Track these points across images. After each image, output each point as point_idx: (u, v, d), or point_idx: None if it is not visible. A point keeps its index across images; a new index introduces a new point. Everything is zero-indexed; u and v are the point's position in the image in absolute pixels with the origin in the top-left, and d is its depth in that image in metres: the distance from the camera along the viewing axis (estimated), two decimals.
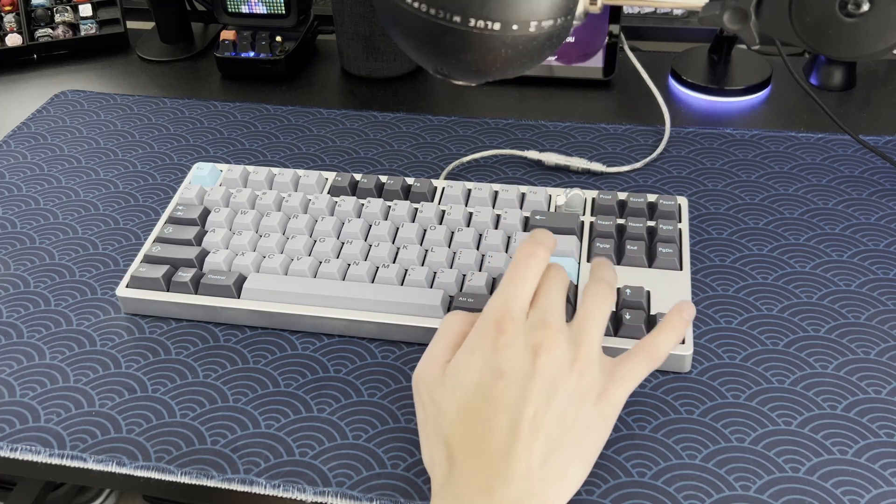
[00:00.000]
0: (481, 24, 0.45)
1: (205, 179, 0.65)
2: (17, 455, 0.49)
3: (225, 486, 0.47)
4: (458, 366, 0.44)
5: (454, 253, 0.58)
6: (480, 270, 0.56)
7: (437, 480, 0.43)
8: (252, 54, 0.84)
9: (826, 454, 0.47)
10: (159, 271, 0.57)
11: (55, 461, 0.49)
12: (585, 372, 0.43)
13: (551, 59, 0.80)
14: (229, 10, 0.86)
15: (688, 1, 0.50)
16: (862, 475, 0.46)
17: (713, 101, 0.78)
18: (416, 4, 0.45)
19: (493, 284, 0.55)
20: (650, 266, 0.56)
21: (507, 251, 0.58)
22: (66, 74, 0.89)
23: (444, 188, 0.63)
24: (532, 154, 0.69)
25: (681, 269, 0.56)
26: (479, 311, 0.47)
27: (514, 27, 0.45)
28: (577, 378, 0.42)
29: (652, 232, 0.59)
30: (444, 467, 0.42)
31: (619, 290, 0.54)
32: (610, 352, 0.52)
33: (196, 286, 0.57)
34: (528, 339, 0.43)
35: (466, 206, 0.62)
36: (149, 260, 0.59)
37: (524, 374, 0.42)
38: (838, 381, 0.51)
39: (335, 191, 0.64)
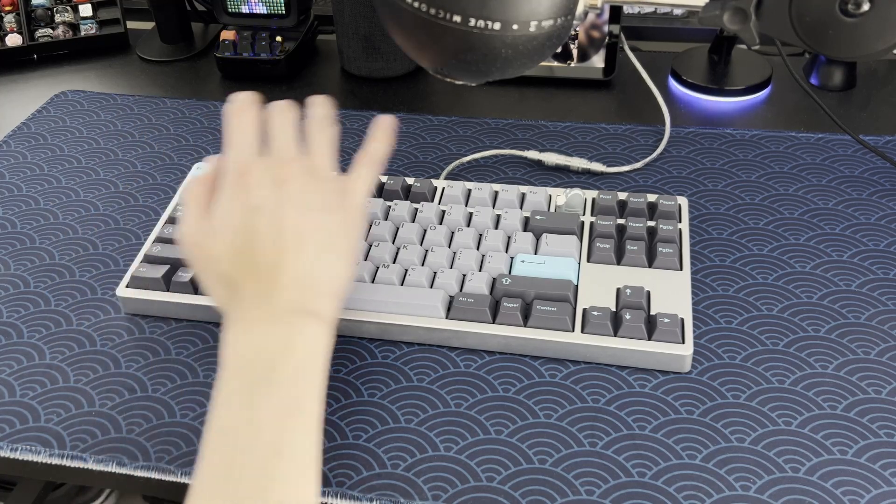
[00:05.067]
0: (481, 23, 0.45)
1: None
2: (17, 455, 0.49)
3: None
4: (217, 215, 0.48)
5: (454, 253, 0.58)
6: (480, 270, 0.56)
7: (225, 303, 0.47)
8: (252, 54, 0.84)
9: (826, 454, 0.47)
10: (159, 271, 0.57)
11: (55, 461, 0.49)
12: (326, 189, 0.48)
13: (551, 59, 0.80)
14: (229, 10, 0.86)
15: (688, 1, 0.50)
16: (862, 475, 0.46)
17: (713, 101, 0.78)
18: (416, 4, 0.45)
19: (493, 284, 0.55)
20: (650, 266, 0.56)
21: (506, 251, 0.58)
22: (66, 74, 0.89)
23: (444, 188, 0.63)
24: (532, 154, 0.69)
25: (681, 269, 0.56)
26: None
27: (514, 27, 0.45)
28: (321, 195, 0.48)
29: (652, 232, 0.58)
30: (229, 290, 0.46)
31: (619, 289, 0.54)
32: (611, 353, 0.52)
33: (196, 286, 0.57)
34: (273, 174, 0.48)
35: (466, 206, 0.62)
36: (149, 260, 0.59)
37: (276, 203, 0.47)
38: (838, 381, 0.51)
39: None
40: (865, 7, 0.44)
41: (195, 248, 0.48)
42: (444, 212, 0.60)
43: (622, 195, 0.61)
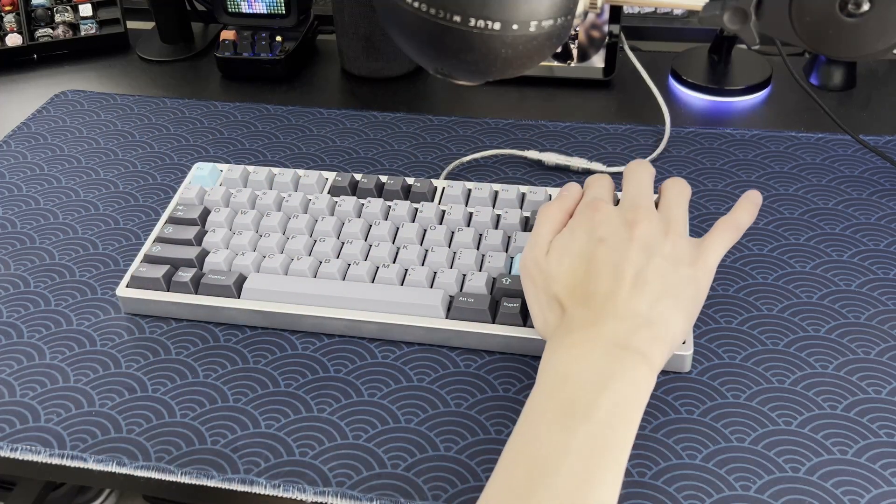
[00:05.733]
0: (481, 24, 0.45)
1: (205, 179, 0.65)
2: (17, 455, 0.49)
3: (225, 486, 0.47)
4: (562, 240, 0.49)
5: (454, 253, 0.58)
6: (480, 270, 0.56)
7: (550, 329, 0.47)
8: (252, 54, 0.84)
9: (826, 454, 0.47)
10: (159, 271, 0.57)
11: (55, 461, 0.49)
12: (678, 242, 0.47)
13: (552, 59, 0.80)
14: (229, 10, 0.86)
15: (688, 1, 0.50)
16: (862, 475, 0.46)
17: (713, 101, 0.78)
18: (416, 4, 0.45)
19: (493, 284, 0.55)
20: None
21: (507, 251, 0.58)
22: (66, 74, 0.89)
23: (444, 188, 0.63)
24: (532, 154, 0.69)
25: None
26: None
27: (514, 27, 0.45)
28: (671, 246, 0.47)
29: None
30: (556, 316, 0.47)
31: None
32: None
33: (196, 286, 0.57)
34: (623, 216, 0.48)
35: (466, 206, 0.62)
36: (149, 260, 0.59)
37: (623, 241, 0.47)
38: (838, 381, 0.51)
39: (335, 191, 0.64)
40: (865, 7, 0.44)
41: (534, 266, 0.49)
42: (444, 212, 0.60)
43: (622, 195, 0.61)
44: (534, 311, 0.49)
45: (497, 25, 0.45)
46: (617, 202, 0.53)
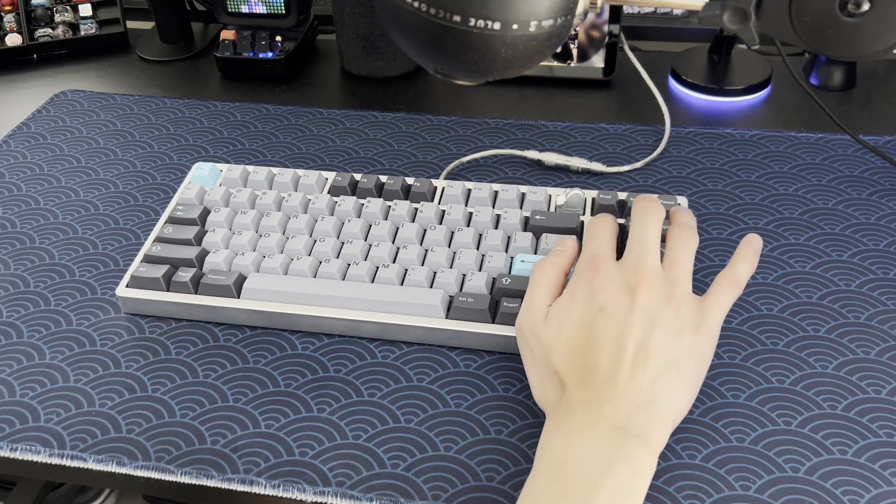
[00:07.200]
0: (481, 23, 0.45)
1: (205, 179, 0.65)
2: (17, 455, 0.49)
3: (225, 486, 0.47)
4: (560, 308, 0.47)
5: (454, 253, 0.58)
6: (480, 270, 0.56)
7: (549, 405, 0.46)
8: (252, 54, 0.84)
9: (826, 454, 0.47)
10: (159, 271, 0.57)
11: (55, 461, 0.49)
12: (681, 307, 0.46)
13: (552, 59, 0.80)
14: (229, 10, 0.86)
15: (688, 1, 0.50)
16: (862, 475, 0.46)
17: (713, 101, 0.78)
18: (416, 4, 0.45)
19: (492, 284, 0.55)
20: None
21: (506, 251, 0.58)
22: (66, 74, 0.89)
23: (444, 188, 0.63)
24: (532, 154, 0.69)
25: None
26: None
27: (514, 27, 0.45)
28: (674, 313, 0.45)
29: None
30: (556, 392, 0.45)
31: None
32: None
33: (196, 286, 0.57)
34: (625, 280, 0.46)
35: (466, 206, 0.62)
36: (149, 260, 0.59)
37: (624, 310, 0.45)
38: (838, 381, 0.51)
39: (335, 191, 0.64)
40: (865, 7, 0.44)
41: (532, 334, 0.47)
42: (444, 212, 0.60)
43: (622, 195, 0.61)
44: (532, 380, 0.48)
45: (497, 25, 0.45)
46: (620, 242, 0.51)
